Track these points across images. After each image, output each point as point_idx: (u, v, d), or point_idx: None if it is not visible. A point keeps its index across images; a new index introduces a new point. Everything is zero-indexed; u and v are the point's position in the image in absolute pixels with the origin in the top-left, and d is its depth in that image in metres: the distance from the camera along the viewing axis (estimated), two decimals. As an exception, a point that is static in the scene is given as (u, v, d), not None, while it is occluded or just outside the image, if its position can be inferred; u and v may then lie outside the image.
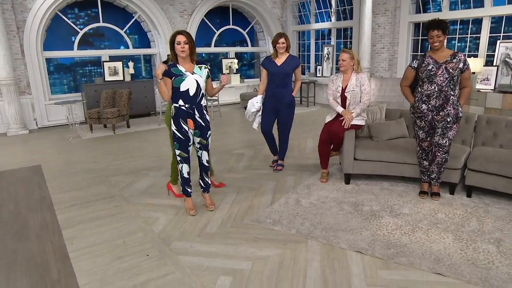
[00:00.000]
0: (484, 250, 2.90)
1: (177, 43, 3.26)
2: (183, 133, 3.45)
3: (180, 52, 3.28)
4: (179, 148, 3.50)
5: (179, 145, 3.49)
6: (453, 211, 3.58)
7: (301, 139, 6.50)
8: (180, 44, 3.25)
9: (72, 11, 9.21)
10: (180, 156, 3.54)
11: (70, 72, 9.98)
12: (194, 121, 3.46)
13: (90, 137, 7.25)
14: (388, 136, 4.39)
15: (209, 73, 3.51)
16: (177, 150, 3.53)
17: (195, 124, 3.48)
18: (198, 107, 3.45)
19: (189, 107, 3.41)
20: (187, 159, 3.56)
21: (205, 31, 10.71)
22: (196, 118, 3.46)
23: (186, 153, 3.53)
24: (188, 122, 3.45)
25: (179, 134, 3.45)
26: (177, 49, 3.28)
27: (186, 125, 3.44)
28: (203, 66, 3.46)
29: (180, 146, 3.50)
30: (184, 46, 3.26)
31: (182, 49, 3.26)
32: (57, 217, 3.71)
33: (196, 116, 3.46)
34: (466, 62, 3.51)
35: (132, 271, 2.74)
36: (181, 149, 3.51)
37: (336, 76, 4.41)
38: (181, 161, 3.56)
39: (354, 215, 3.57)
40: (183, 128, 3.44)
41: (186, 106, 3.40)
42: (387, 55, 8.92)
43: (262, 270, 2.71)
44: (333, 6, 10.27)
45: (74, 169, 5.24)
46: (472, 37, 7.68)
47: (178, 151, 3.53)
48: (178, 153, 3.54)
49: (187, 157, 3.55)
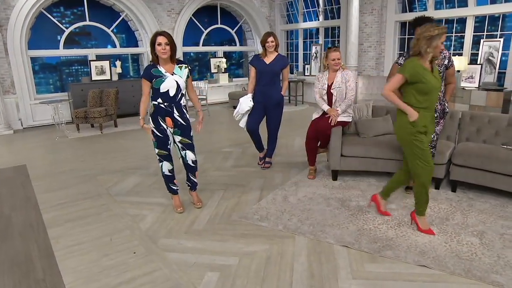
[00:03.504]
0: (467, 242, 2.95)
1: (158, 44, 3.21)
2: (161, 131, 3.42)
3: (161, 54, 3.23)
4: (157, 146, 3.47)
5: (157, 143, 3.46)
6: (438, 206, 3.64)
7: (289, 137, 6.52)
8: (161, 45, 3.21)
9: (57, 9, 9.09)
10: (159, 155, 3.52)
11: (55, 72, 9.84)
12: (172, 120, 3.43)
13: (76, 136, 7.16)
14: (374, 133, 4.43)
15: (189, 73, 3.47)
16: (156, 149, 3.50)
17: (174, 122, 3.45)
18: (177, 106, 3.41)
19: (168, 105, 3.37)
20: (167, 157, 3.53)
21: (193, 30, 10.67)
22: (175, 117, 3.42)
23: (165, 151, 3.50)
24: (167, 121, 3.41)
25: (157, 132, 3.42)
26: (158, 51, 3.23)
27: (165, 123, 3.42)
28: (183, 66, 3.42)
29: (158, 144, 3.47)
30: (165, 48, 3.22)
31: (163, 51, 3.22)
32: (42, 216, 3.66)
33: (175, 115, 3.42)
34: (450, 59, 3.58)
35: (118, 268, 2.72)
36: (160, 147, 3.48)
37: (322, 74, 4.43)
38: (160, 159, 3.54)
39: (341, 210, 3.60)
40: (161, 126, 3.41)
41: (165, 104, 3.37)
42: (374, 53, 9.01)
43: (249, 265, 2.72)
44: (321, 5, 10.33)
45: (60, 168, 5.18)
46: (457, 36, 7.80)
47: (157, 150, 3.50)
48: (157, 151, 3.51)
49: (166, 155, 3.52)
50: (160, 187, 4.24)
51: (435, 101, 3.09)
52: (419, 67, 2.90)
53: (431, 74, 2.94)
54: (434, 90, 2.98)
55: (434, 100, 3.05)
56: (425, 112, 3.00)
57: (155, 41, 3.22)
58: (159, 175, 4.64)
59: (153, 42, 3.23)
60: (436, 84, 2.98)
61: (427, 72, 2.92)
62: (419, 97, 2.97)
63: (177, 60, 3.41)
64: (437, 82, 2.99)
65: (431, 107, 3.04)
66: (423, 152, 3.02)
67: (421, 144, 3.02)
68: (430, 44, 2.84)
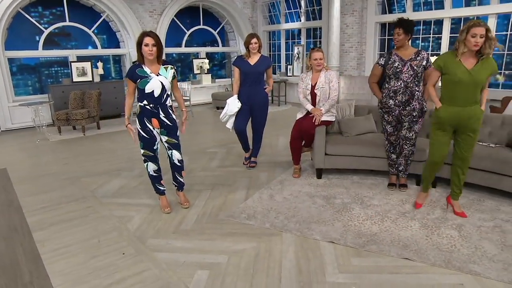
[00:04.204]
0: (447, 235, 3.08)
1: (145, 45, 3.20)
2: (147, 132, 3.43)
3: (148, 55, 3.22)
4: (143, 147, 3.48)
5: (143, 144, 3.47)
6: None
7: (273, 137, 6.60)
8: (148, 46, 3.19)
9: (35, 9, 8.90)
10: (145, 155, 3.53)
11: (34, 73, 9.63)
12: (158, 121, 3.44)
13: (58, 139, 7.05)
14: (357, 132, 4.54)
15: (175, 73, 3.48)
16: (141, 149, 3.51)
17: (160, 123, 3.46)
18: (163, 107, 3.43)
19: (153, 106, 3.38)
20: (152, 157, 3.54)
21: (176, 31, 10.63)
22: (161, 118, 3.44)
23: (151, 152, 3.51)
24: (153, 122, 3.42)
25: (143, 133, 3.42)
26: (145, 51, 3.22)
27: (151, 124, 3.43)
28: (169, 67, 3.43)
29: (145, 145, 3.47)
30: (152, 49, 3.21)
31: (150, 52, 3.21)
32: (26, 220, 3.61)
33: (161, 115, 3.43)
34: (429, 60, 3.71)
35: (108, 269, 2.72)
36: (146, 148, 3.49)
37: (305, 74, 4.52)
38: (146, 160, 3.55)
39: (326, 207, 3.68)
40: (147, 127, 3.42)
41: (151, 106, 3.38)
42: (356, 54, 9.19)
43: (239, 263, 2.77)
44: (303, 6, 10.46)
45: (43, 172, 5.10)
46: (434, 37, 8.04)
47: (142, 150, 3.50)
48: (142, 152, 3.52)
49: (152, 156, 3.53)
50: (146, 188, 4.23)
51: (463, 96, 3.08)
52: (449, 58, 3.10)
53: (462, 68, 3.03)
54: (461, 84, 3.03)
55: (461, 95, 3.08)
56: (447, 106, 3.16)
57: (142, 41, 3.21)
58: (144, 176, 4.65)
59: (140, 42, 3.22)
60: (465, 78, 3.01)
61: (458, 65, 3.04)
62: (445, 89, 3.16)
63: (163, 61, 3.42)
64: (468, 76, 3.00)
65: (456, 101, 3.11)
66: (432, 143, 3.41)
67: (435, 136, 3.37)
68: (459, 38, 3.02)
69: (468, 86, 3.05)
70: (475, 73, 3.02)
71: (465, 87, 3.06)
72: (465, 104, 3.12)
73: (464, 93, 3.09)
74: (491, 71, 3.06)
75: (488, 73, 3.05)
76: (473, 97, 3.11)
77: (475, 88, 3.07)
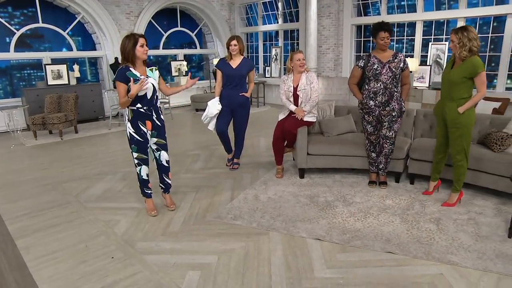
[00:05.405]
0: (426, 229, 3.24)
1: (141, 45, 3.25)
2: (142, 135, 3.45)
3: (144, 55, 3.28)
4: (138, 150, 3.49)
5: (137, 148, 3.48)
6: (399, 197, 3.93)
7: (254, 138, 6.67)
8: (143, 46, 3.26)
9: (4, 9, 8.62)
10: (138, 159, 3.53)
11: (5, 76, 9.33)
12: (152, 122, 3.48)
13: (34, 144, 6.87)
14: (337, 131, 4.68)
15: (159, 73, 3.54)
16: (135, 153, 3.50)
17: (153, 125, 3.49)
18: (155, 108, 3.49)
19: (147, 109, 3.42)
20: (146, 160, 3.56)
21: (153, 33, 10.52)
22: (153, 119, 3.48)
23: (145, 155, 3.53)
24: (147, 124, 3.45)
25: (138, 136, 3.44)
26: (141, 52, 3.26)
27: (145, 127, 3.45)
28: (153, 68, 3.48)
29: (139, 149, 3.49)
30: (146, 49, 3.28)
31: (145, 52, 3.27)
32: (7, 227, 3.53)
33: (154, 117, 3.48)
34: (405, 62, 3.89)
35: (98, 273, 2.71)
36: (140, 151, 3.50)
37: (286, 77, 4.61)
38: (139, 163, 3.55)
39: (311, 206, 3.78)
40: (141, 130, 3.44)
41: (145, 108, 3.40)
42: (333, 55, 9.39)
43: (229, 262, 2.82)
44: (280, 8, 10.59)
45: (20, 178, 4.97)
46: (408, 39, 8.33)
47: (136, 154, 3.50)
48: (136, 156, 3.51)
49: (146, 158, 3.55)
50: (131, 192, 4.22)
51: (447, 92, 3.48)
52: (450, 61, 3.56)
53: (448, 69, 3.49)
54: (445, 81, 3.49)
55: (446, 91, 3.49)
56: (440, 101, 3.61)
57: (137, 43, 3.23)
58: (128, 180, 4.64)
59: (134, 44, 3.23)
60: (446, 76, 3.46)
61: (448, 65, 3.52)
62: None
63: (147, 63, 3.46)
64: (450, 75, 3.41)
65: (444, 96, 3.53)
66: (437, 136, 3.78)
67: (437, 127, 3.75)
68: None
69: (444, 84, 3.53)
70: (452, 73, 3.42)
71: (444, 84, 3.54)
72: (443, 99, 3.55)
73: (447, 89, 3.49)
74: (468, 72, 3.31)
75: (463, 74, 3.33)
76: (448, 94, 3.48)
77: (449, 86, 3.46)
